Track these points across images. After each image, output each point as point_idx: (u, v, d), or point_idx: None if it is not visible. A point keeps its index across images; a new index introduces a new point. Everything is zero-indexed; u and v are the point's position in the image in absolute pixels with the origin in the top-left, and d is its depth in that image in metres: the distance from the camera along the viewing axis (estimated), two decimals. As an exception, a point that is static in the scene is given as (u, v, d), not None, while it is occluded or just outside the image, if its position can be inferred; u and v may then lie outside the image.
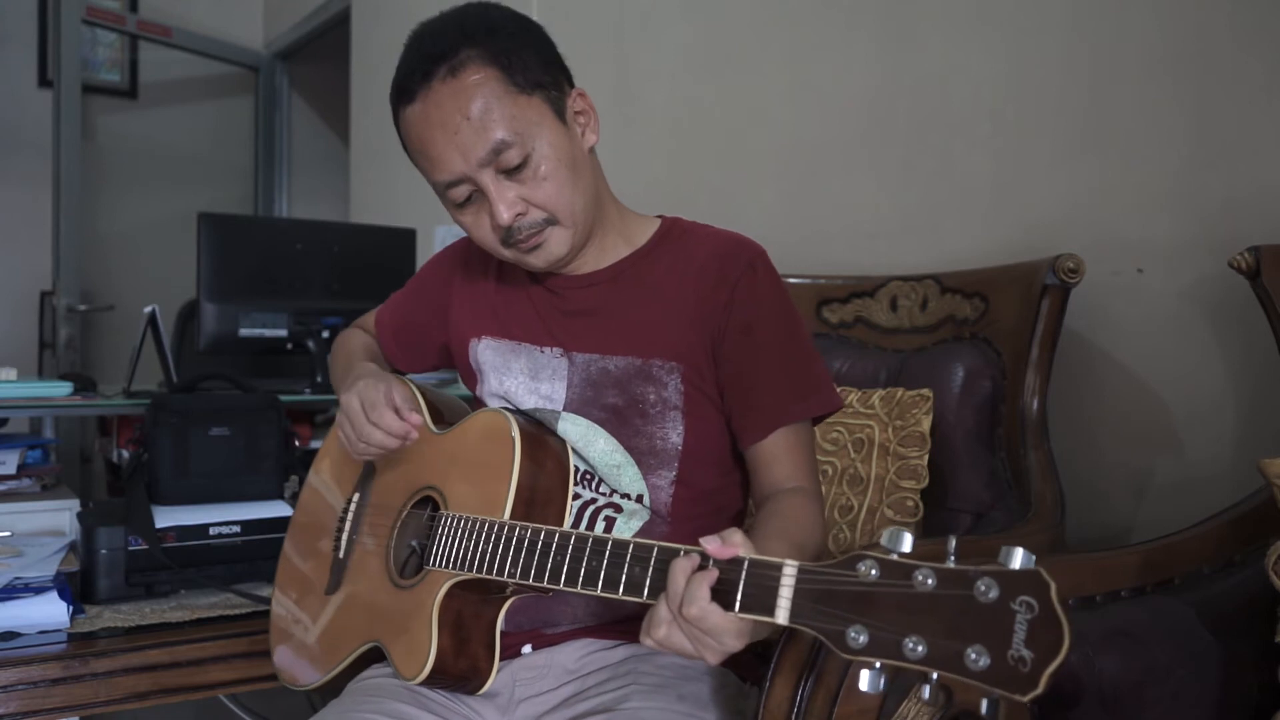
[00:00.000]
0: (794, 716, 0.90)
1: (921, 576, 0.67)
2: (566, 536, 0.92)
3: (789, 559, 0.75)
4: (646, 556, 0.85)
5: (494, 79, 1.00)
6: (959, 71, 1.68)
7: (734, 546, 0.79)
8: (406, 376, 1.33)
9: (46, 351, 3.74)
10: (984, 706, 0.64)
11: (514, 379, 1.15)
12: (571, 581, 0.90)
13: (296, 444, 1.76)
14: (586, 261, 1.14)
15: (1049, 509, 1.29)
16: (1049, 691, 0.60)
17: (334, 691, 1.16)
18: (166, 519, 1.54)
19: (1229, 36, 1.34)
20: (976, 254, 1.60)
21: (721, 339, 1.08)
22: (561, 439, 1.11)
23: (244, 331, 2.07)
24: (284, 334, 2.11)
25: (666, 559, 0.83)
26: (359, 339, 1.37)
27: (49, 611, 1.36)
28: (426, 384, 1.31)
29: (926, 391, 1.43)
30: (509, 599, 1.07)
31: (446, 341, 1.27)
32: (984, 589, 0.64)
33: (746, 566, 0.77)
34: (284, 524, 1.39)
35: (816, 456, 1.15)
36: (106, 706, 1.32)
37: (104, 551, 1.47)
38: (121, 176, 4.15)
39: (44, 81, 4.00)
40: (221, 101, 4.49)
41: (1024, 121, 1.58)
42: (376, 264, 2.28)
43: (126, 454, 2.00)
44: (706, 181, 2.21)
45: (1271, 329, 1.16)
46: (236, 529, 1.58)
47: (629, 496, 1.09)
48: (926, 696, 0.66)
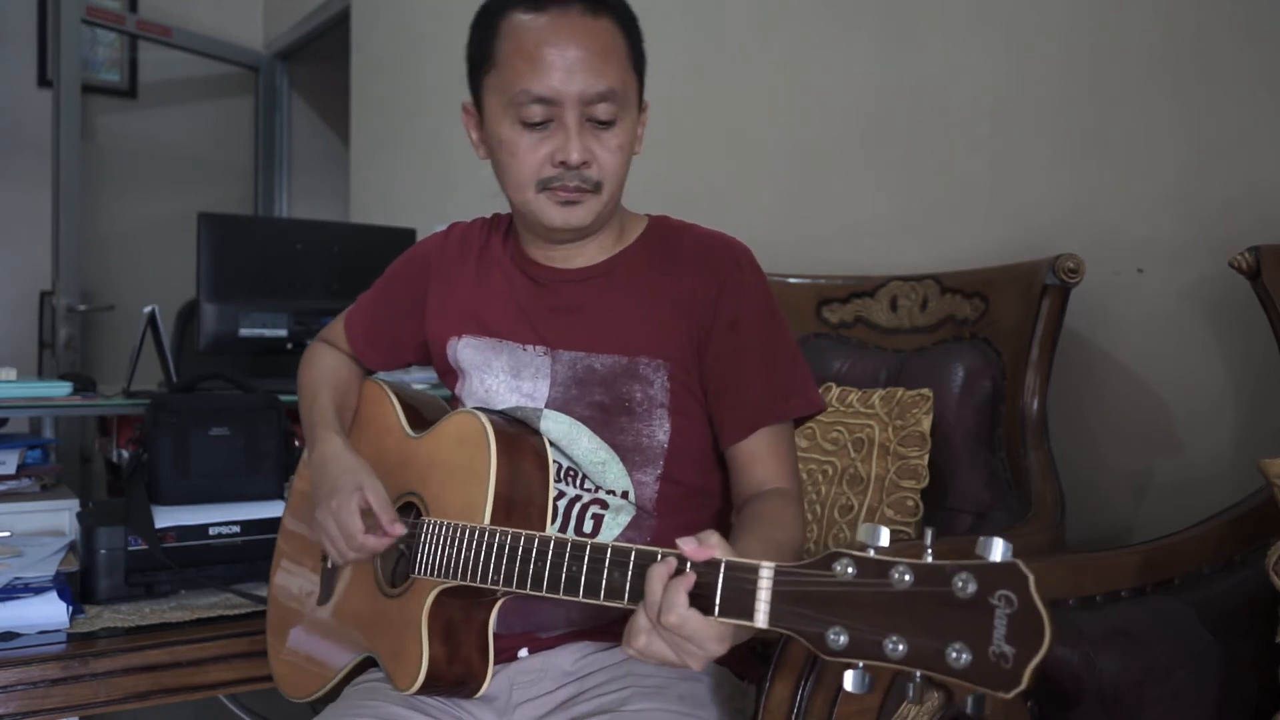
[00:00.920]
0: (794, 717, 0.90)
1: (898, 574, 0.65)
2: (546, 541, 0.91)
3: (766, 560, 0.74)
4: (625, 561, 0.84)
5: (622, 41, 1.05)
6: (959, 72, 1.68)
7: (710, 548, 0.78)
8: (377, 376, 1.31)
9: (46, 351, 3.74)
10: (969, 704, 0.63)
11: (495, 377, 1.14)
12: (554, 588, 0.89)
13: (296, 444, 1.76)
14: (583, 253, 1.13)
15: (1049, 509, 1.29)
16: (1046, 688, 0.60)
17: (334, 697, 1.15)
18: (166, 519, 1.54)
19: (1229, 37, 1.34)
20: (976, 254, 1.60)
21: (707, 336, 1.08)
22: (541, 436, 1.10)
23: (244, 331, 2.07)
24: (284, 334, 2.11)
25: (644, 564, 0.82)
26: (325, 363, 1.30)
27: (49, 611, 1.36)
28: (403, 384, 1.30)
29: (926, 391, 1.43)
30: (499, 600, 1.06)
31: (423, 338, 1.24)
32: (961, 584, 0.62)
33: (724, 569, 0.76)
34: (284, 524, 1.39)
35: (811, 456, 1.15)
36: (106, 706, 1.32)
37: (104, 551, 1.47)
38: (121, 176, 4.14)
39: (44, 81, 3.99)
40: (221, 101, 4.49)
41: (1024, 121, 1.58)
42: (377, 264, 2.25)
43: (126, 454, 2.00)
44: (706, 181, 2.21)
45: (1271, 329, 1.16)
46: (236, 529, 1.58)
47: (614, 493, 1.09)
48: (910, 695, 0.65)
